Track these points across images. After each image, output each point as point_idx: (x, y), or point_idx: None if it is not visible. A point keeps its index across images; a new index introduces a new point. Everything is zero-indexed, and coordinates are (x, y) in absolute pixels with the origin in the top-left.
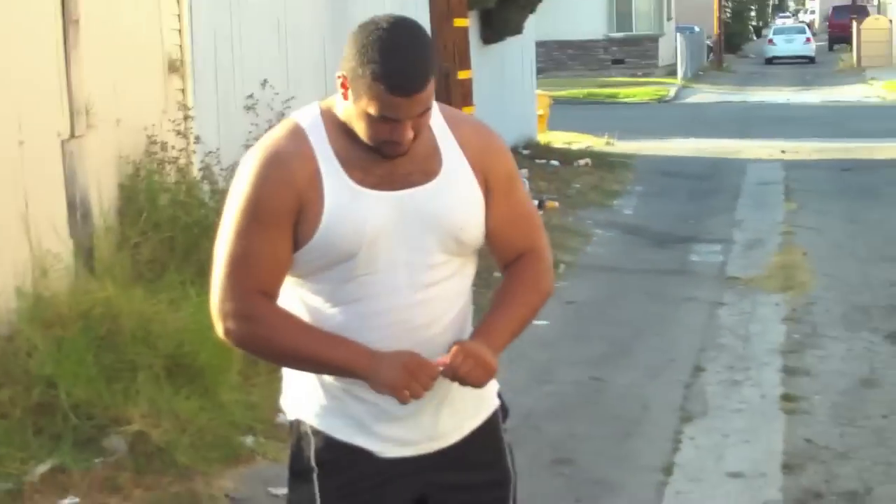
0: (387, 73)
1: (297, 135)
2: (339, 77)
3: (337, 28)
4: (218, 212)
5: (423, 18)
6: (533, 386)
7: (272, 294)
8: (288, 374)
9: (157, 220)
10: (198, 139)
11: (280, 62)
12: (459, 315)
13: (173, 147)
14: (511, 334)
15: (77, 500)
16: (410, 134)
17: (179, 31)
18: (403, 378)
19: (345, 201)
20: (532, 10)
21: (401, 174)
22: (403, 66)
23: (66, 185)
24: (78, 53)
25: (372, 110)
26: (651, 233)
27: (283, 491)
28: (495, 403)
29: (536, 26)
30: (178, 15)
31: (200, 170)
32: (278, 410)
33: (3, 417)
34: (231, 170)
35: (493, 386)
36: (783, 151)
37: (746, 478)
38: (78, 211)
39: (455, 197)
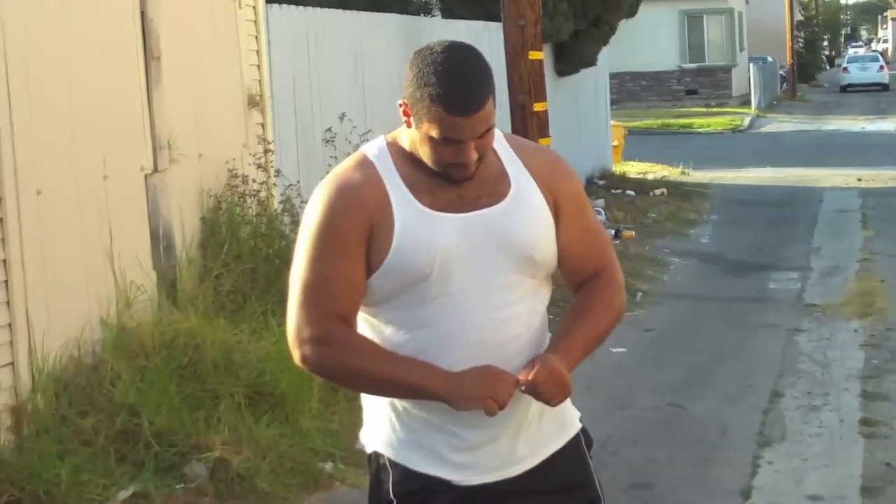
0: (444, 94)
1: (365, 164)
2: (400, 105)
3: None
4: None
5: (499, 52)
6: (612, 412)
7: (349, 320)
8: (367, 406)
9: (238, 252)
10: (278, 172)
11: (357, 96)
12: (535, 337)
13: (254, 180)
14: (584, 352)
15: None
16: (474, 155)
17: (259, 66)
18: (486, 387)
19: (415, 223)
20: (605, 43)
21: (469, 198)
22: (460, 86)
23: (150, 219)
24: (160, 89)
25: (434, 133)
26: (728, 261)
27: None
28: (576, 428)
29: (610, 58)
30: (257, 51)
31: (281, 202)
32: (358, 437)
33: (87, 445)
34: None
35: (571, 411)
36: (859, 179)
37: (825, 501)
38: (161, 243)
39: (525, 216)
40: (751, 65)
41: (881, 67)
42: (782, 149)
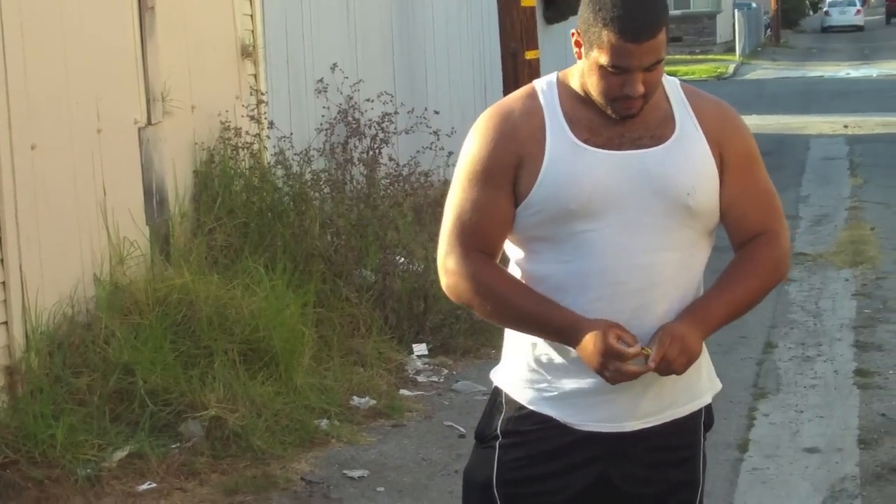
0: (617, 18)
1: (530, 95)
2: (572, 35)
3: (404, 12)
4: (292, 196)
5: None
6: None
7: (493, 252)
8: (506, 346)
9: (231, 205)
10: (271, 124)
11: (349, 46)
12: (683, 289)
13: (247, 133)
14: (727, 314)
15: (154, 485)
16: (641, 88)
17: (251, 16)
18: (598, 361)
19: (566, 156)
20: None
21: (631, 138)
22: (634, 12)
23: (143, 173)
24: (154, 41)
25: (603, 60)
26: None
27: (358, 473)
28: (704, 401)
29: None
30: (250, 1)
31: (273, 155)
32: (352, 394)
33: (82, 404)
34: (304, 154)
35: (705, 381)
36: (846, 126)
37: (823, 453)
38: (154, 198)
39: (684, 162)
40: (735, 11)
41: (857, 11)
42: (767, 96)
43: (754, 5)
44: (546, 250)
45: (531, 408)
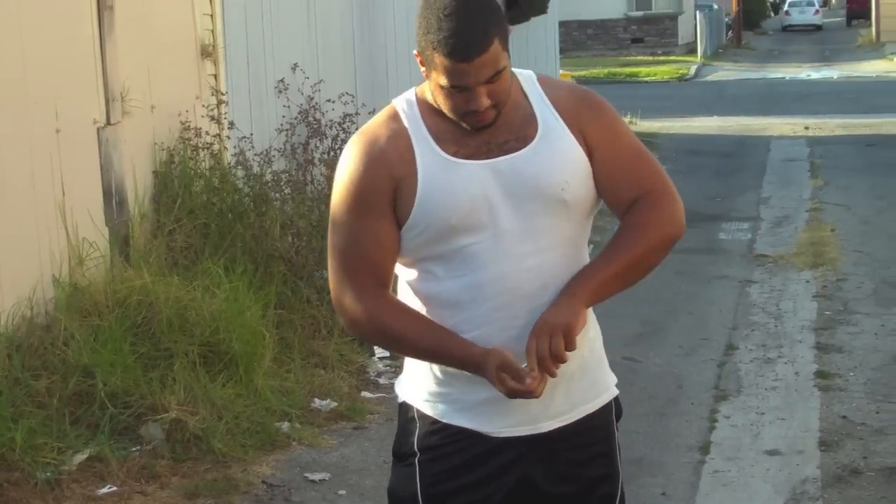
0: (443, 40)
1: (392, 117)
2: (416, 55)
3: (366, 11)
4: (252, 196)
5: None
6: None
7: (385, 281)
8: (407, 359)
9: (191, 206)
10: (231, 124)
11: (310, 46)
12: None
13: (207, 133)
14: (610, 285)
15: (115, 488)
16: (486, 101)
17: (212, 15)
18: (497, 381)
19: (438, 172)
20: None
21: (497, 143)
22: (459, 31)
23: (102, 173)
24: (113, 39)
25: (442, 81)
26: None
27: (320, 476)
28: (611, 393)
29: (560, 5)
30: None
31: (234, 155)
32: (313, 396)
33: (41, 407)
34: (264, 154)
35: (609, 374)
36: (807, 128)
37: (784, 455)
38: (114, 199)
39: (553, 158)
40: (697, 12)
41: (816, 11)
42: (728, 97)
43: (716, 7)
44: (436, 268)
45: (444, 421)
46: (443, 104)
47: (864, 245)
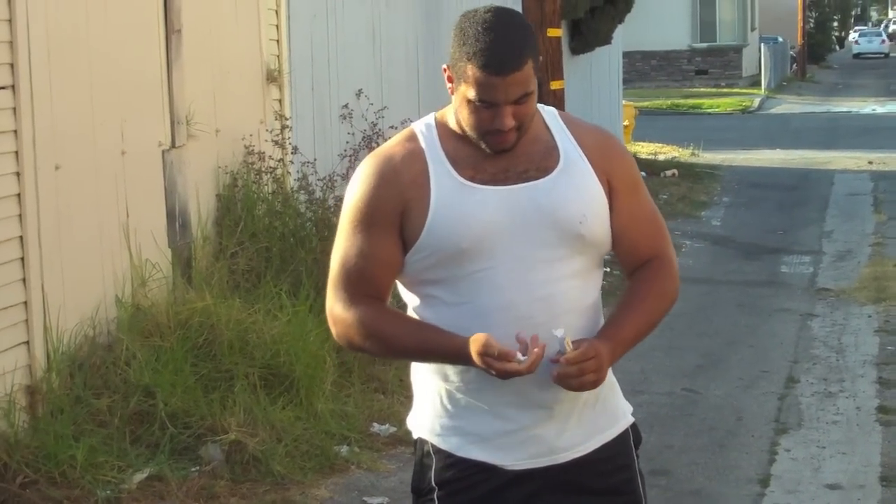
0: (480, 52)
1: (410, 139)
2: (444, 70)
3: (431, 38)
4: (314, 221)
5: None
6: (626, 397)
7: (381, 296)
8: (415, 391)
9: (253, 230)
10: (295, 149)
11: (375, 72)
12: (585, 319)
13: (270, 157)
14: (634, 340)
15: None
16: (510, 122)
17: (278, 41)
18: (499, 375)
19: (451, 197)
20: (621, 21)
21: (516, 171)
22: (497, 46)
23: (166, 195)
24: (180, 63)
25: (470, 94)
26: (740, 244)
27: (377, 500)
28: (627, 421)
29: (624, 36)
30: (277, 25)
31: (297, 180)
32: (372, 420)
33: (102, 426)
34: (327, 179)
35: (623, 402)
36: (870, 162)
37: (844, 490)
38: (177, 221)
39: (573, 190)
40: (761, 45)
41: (882, 41)
42: (792, 130)
43: (780, 39)
44: (442, 293)
45: (460, 455)
46: (466, 120)
47: None
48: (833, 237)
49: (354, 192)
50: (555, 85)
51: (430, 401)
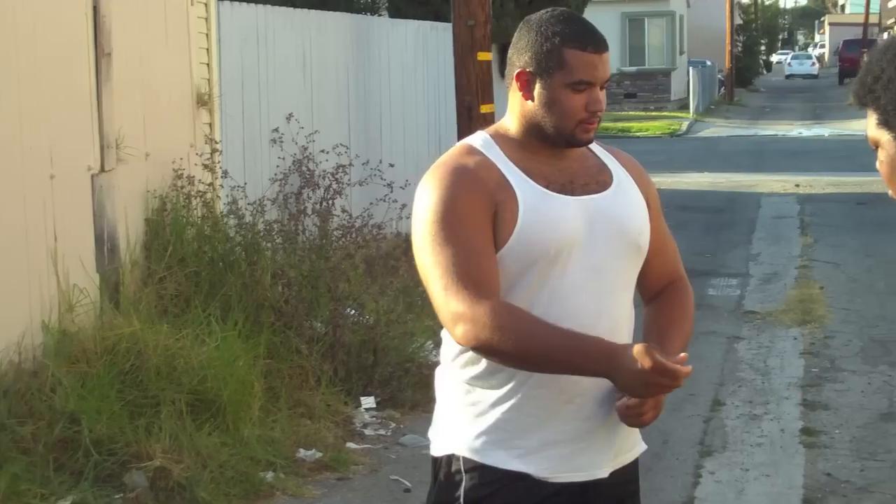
0: (576, 34)
1: (472, 151)
2: (514, 79)
3: (361, 63)
4: (244, 246)
5: (447, 52)
6: None
7: (498, 293)
8: (444, 405)
9: (182, 254)
10: (225, 173)
11: (305, 97)
12: (630, 329)
13: (200, 181)
14: None
15: None
16: (604, 102)
17: (208, 65)
18: (647, 391)
19: (537, 202)
20: None
21: (580, 184)
22: (589, 27)
23: (95, 220)
24: (110, 87)
25: (569, 78)
26: None
27: None
28: (643, 445)
29: None
30: (207, 49)
31: (227, 204)
32: (299, 446)
33: (25, 453)
34: (257, 204)
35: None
36: (797, 185)
37: None
38: (105, 245)
39: (629, 205)
40: (690, 68)
41: (813, 63)
42: (720, 154)
43: (709, 63)
44: (515, 297)
45: (498, 466)
46: (560, 110)
47: (853, 303)
48: (760, 260)
49: (441, 200)
50: (485, 108)
51: (466, 414)
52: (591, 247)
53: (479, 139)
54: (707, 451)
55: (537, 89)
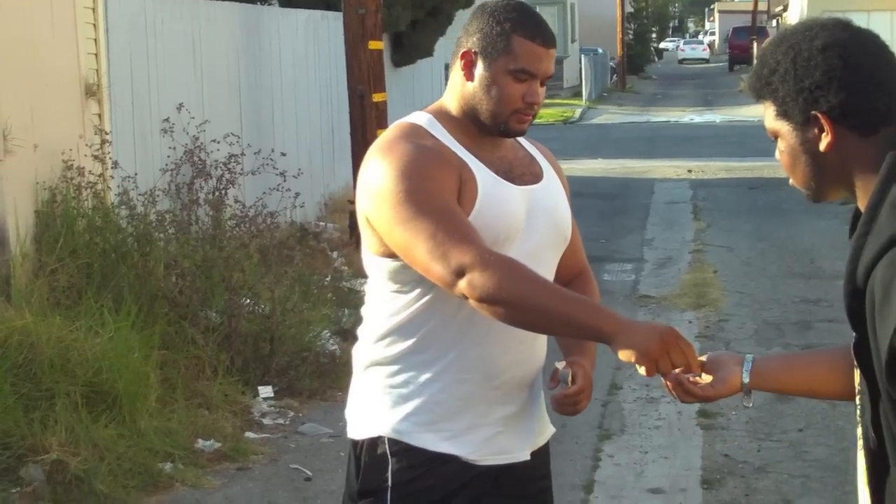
0: (528, 24)
1: (418, 130)
2: (465, 55)
3: (251, 52)
4: (136, 237)
5: (338, 42)
6: None
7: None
8: (365, 386)
9: (73, 246)
10: (115, 164)
11: (196, 86)
12: None
13: (90, 172)
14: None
15: None
16: (541, 96)
17: (96, 55)
18: (659, 349)
19: (492, 187)
20: (443, 34)
21: (517, 174)
22: (541, 22)
23: None
24: None
25: (512, 65)
26: None
27: None
28: (553, 429)
29: (445, 49)
30: (95, 39)
31: (118, 195)
32: (197, 437)
33: None
34: (149, 194)
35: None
36: (690, 171)
37: (666, 493)
38: None
39: (559, 197)
40: (582, 56)
41: (704, 48)
42: (613, 140)
43: (601, 51)
44: None
45: (433, 450)
46: (497, 95)
47: (746, 286)
48: (654, 245)
49: (408, 169)
50: (377, 97)
51: (393, 397)
52: (528, 236)
53: (423, 118)
54: (606, 434)
55: (479, 70)
